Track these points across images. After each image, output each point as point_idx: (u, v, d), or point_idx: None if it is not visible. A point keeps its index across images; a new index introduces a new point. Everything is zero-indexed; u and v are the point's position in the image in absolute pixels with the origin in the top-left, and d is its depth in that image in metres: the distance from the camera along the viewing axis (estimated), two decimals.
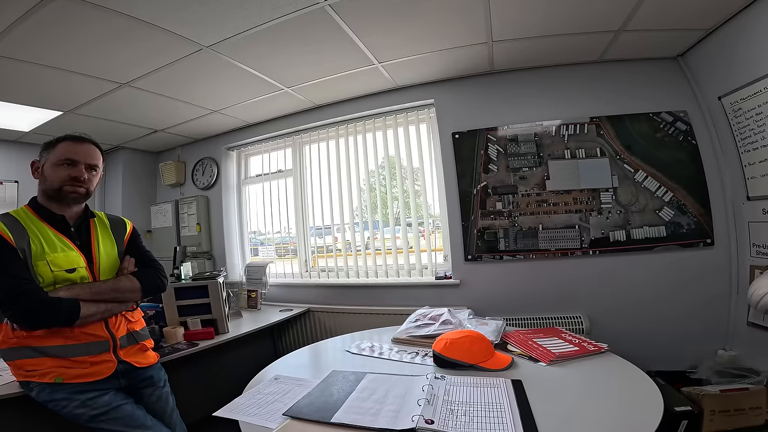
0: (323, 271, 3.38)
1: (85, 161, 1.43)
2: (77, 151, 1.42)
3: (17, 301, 1.22)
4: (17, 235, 1.28)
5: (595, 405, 1.13)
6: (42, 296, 1.25)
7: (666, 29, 2.21)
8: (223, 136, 3.79)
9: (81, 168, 1.42)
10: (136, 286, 1.50)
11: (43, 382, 1.30)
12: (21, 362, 1.32)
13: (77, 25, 1.82)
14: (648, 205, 2.49)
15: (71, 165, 1.40)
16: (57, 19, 1.75)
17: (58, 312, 1.26)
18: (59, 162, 1.39)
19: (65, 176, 1.39)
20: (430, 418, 1.03)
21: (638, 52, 2.50)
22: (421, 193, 3.02)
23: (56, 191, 1.39)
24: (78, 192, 1.42)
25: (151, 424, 1.39)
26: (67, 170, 1.39)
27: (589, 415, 1.07)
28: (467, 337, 1.54)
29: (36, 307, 1.23)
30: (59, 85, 2.41)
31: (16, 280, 1.23)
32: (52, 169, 1.39)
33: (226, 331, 2.38)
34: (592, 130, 2.58)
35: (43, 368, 1.30)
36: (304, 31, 2.07)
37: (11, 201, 3.41)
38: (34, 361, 1.30)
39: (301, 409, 1.15)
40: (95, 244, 1.48)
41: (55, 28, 1.82)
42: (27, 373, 1.32)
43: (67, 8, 1.68)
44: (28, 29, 1.80)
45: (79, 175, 1.41)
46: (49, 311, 1.25)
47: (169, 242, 3.86)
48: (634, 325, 2.47)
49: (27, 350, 1.30)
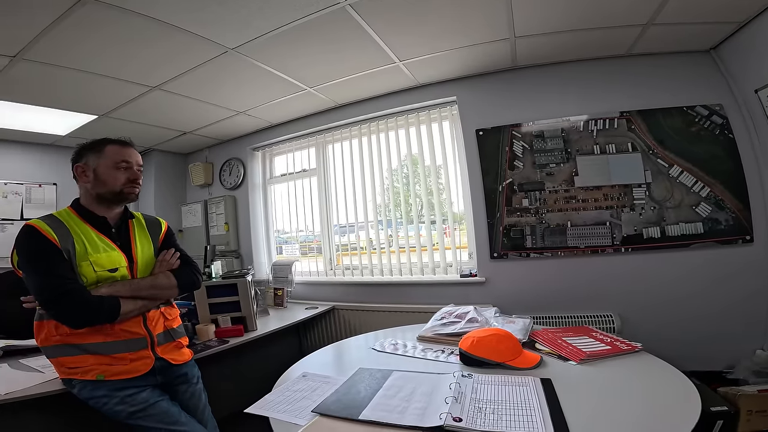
0: (347, 269, 3.40)
1: (136, 162, 1.50)
2: (129, 154, 1.49)
3: (61, 300, 1.27)
4: (62, 237, 1.33)
5: (629, 404, 1.09)
6: (85, 295, 1.30)
7: (696, 23, 2.14)
8: (249, 137, 3.86)
9: (135, 170, 1.49)
10: (173, 283, 1.54)
11: (85, 379, 1.35)
12: (64, 359, 1.36)
13: (108, 30, 1.89)
14: (684, 201, 2.39)
15: (128, 167, 1.47)
16: (89, 24, 1.81)
17: (100, 310, 1.31)
18: (116, 165, 1.45)
19: (124, 179, 1.45)
20: (458, 416, 1.02)
21: (668, 46, 2.42)
22: (445, 190, 3.00)
23: (116, 193, 1.45)
24: (135, 192, 1.49)
25: (185, 420, 1.42)
26: (125, 173, 1.46)
27: (623, 414, 1.03)
28: (494, 335, 1.52)
29: (79, 306, 1.29)
30: (94, 89, 2.51)
31: (60, 280, 1.28)
32: (109, 171, 1.44)
33: (255, 328, 2.43)
34: (623, 124, 2.50)
35: (86, 365, 1.35)
36: (325, 31, 2.09)
37: (50, 203, 3.57)
38: (77, 358, 1.35)
39: (329, 406, 1.17)
40: (134, 244, 1.53)
41: (87, 33, 1.89)
42: (69, 371, 1.36)
43: (98, 13, 1.73)
44: (61, 34, 1.86)
45: (137, 177, 1.49)
46: (91, 310, 1.30)
47: (199, 241, 3.98)
48: (668, 324, 2.38)
49: (69, 348, 1.35)
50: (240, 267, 3.79)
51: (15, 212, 3.36)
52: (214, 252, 3.67)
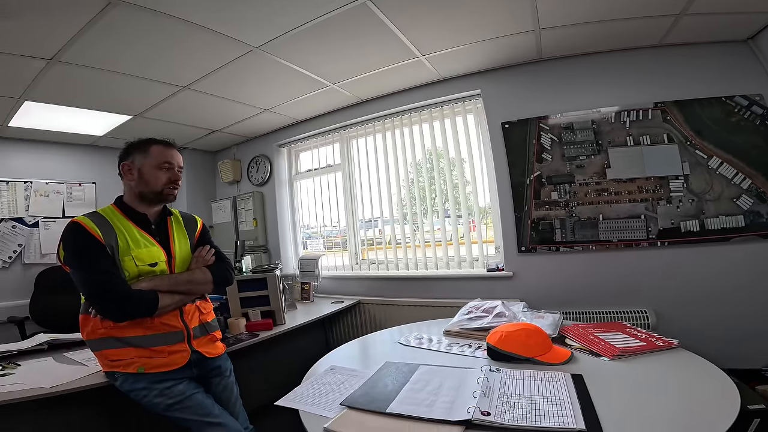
0: (373, 264, 3.43)
1: (178, 164, 1.56)
2: (172, 155, 1.55)
3: (105, 295, 1.34)
4: (106, 233, 1.39)
5: (664, 400, 1.06)
6: (126, 290, 1.37)
7: (731, 12, 2.04)
8: (274, 134, 3.93)
9: (176, 171, 1.54)
10: (209, 279, 1.60)
11: (127, 372, 1.41)
12: (107, 352, 1.43)
13: (138, 32, 1.95)
14: (724, 193, 2.28)
15: (169, 168, 1.52)
16: (119, 26, 1.87)
17: (140, 304, 1.38)
18: (159, 165, 1.50)
19: (166, 179, 1.51)
20: (486, 410, 1.01)
21: (702, 36, 2.32)
22: (470, 183, 2.97)
23: (157, 193, 1.51)
24: (174, 193, 1.55)
25: (218, 412, 1.47)
26: (167, 173, 1.52)
27: (658, 410, 1.00)
28: (523, 329, 1.49)
29: (121, 300, 1.35)
30: (127, 90, 2.60)
31: (104, 276, 1.34)
32: (152, 171, 1.50)
33: (283, 322, 2.48)
34: (657, 115, 2.41)
35: (128, 358, 1.41)
36: (346, 27, 2.10)
37: (90, 201, 3.74)
38: (120, 351, 1.41)
39: (357, 399, 1.18)
40: (173, 240, 1.59)
41: (118, 35, 1.96)
42: (112, 363, 1.43)
43: (127, 15, 1.79)
44: (94, 36, 1.93)
45: (177, 179, 1.54)
46: (132, 304, 1.36)
47: (229, 237, 4.08)
48: (706, 321, 2.29)
49: (113, 341, 1.41)
50: (268, 262, 3.88)
51: (57, 210, 3.54)
52: (244, 247, 3.76)
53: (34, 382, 1.52)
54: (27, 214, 3.36)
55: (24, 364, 1.78)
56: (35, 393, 1.43)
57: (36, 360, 1.86)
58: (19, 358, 1.87)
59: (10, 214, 3.28)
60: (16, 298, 3.19)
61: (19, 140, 3.35)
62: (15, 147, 3.35)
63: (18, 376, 1.62)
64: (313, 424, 1.07)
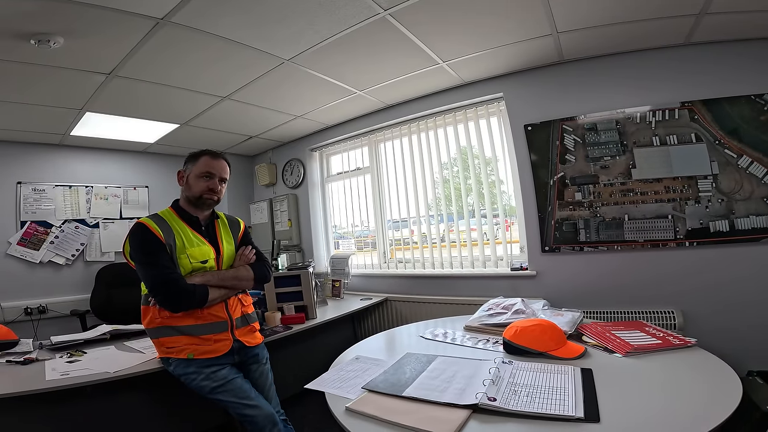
0: (400, 263, 3.54)
1: (219, 175, 1.74)
2: (214, 166, 1.73)
3: (164, 288, 1.53)
4: (165, 233, 1.60)
5: (665, 396, 1.10)
6: (182, 284, 1.56)
7: (755, 11, 1.98)
8: (307, 138, 4.13)
9: (216, 181, 1.73)
10: (251, 276, 1.79)
11: (179, 357, 1.61)
12: (164, 339, 1.63)
13: (186, 50, 2.15)
14: (755, 193, 2.22)
15: (209, 178, 1.71)
16: (168, 43, 2.06)
17: (194, 297, 1.57)
18: (201, 174, 1.70)
19: (204, 187, 1.70)
20: (493, 396, 1.11)
21: (729, 35, 2.26)
22: (495, 185, 3.02)
23: (197, 198, 1.70)
24: (212, 200, 1.73)
25: (255, 396, 1.64)
26: (206, 182, 1.70)
27: (656, 406, 1.05)
28: (538, 325, 1.56)
29: (179, 293, 1.54)
30: (175, 101, 2.85)
31: (164, 270, 1.54)
32: (195, 180, 1.70)
33: (315, 316, 2.66)
34: (685, 115, 2.37)
35: (180, 345, 1.61)
36: (369, 40, 2.22)
37: (144, 203, 4.06)
38: (174, 339, 1.61)
39: (377, 384, 1.31)
40: (220, 240, 1.79)
41: (167, 52, 2.15)
42: (167, 350, 1.63)
43: (176, 35, 1.98)
44: (147, 53, 2.13)
45: (214, 188, 1.72)
46: (188, 296, 1.55)
47: (266, 236, 4.32)
48: (735, 321, 2.23)
49: (168, 329, 1.62)
50: (302, 260, 4.07)
51: (115, 212, 3.88)
52: (280, 246, 3.98)
53: (99, 367, 1.73)
54: (88, 216, 3.70)
55: (89, 352, 2.01)
56: (101, 377, 1.63)
57: (100, 348, 2.09)
58: (85, 347, 2.10)
59: (73, 216, 3.62)
60: (78, 292, 3.50)
61: (81, 148, 3.69)
62: (77, 154, 3.69)
63: (85, 362, 1.83)
64: (337, 405, 1.21)
